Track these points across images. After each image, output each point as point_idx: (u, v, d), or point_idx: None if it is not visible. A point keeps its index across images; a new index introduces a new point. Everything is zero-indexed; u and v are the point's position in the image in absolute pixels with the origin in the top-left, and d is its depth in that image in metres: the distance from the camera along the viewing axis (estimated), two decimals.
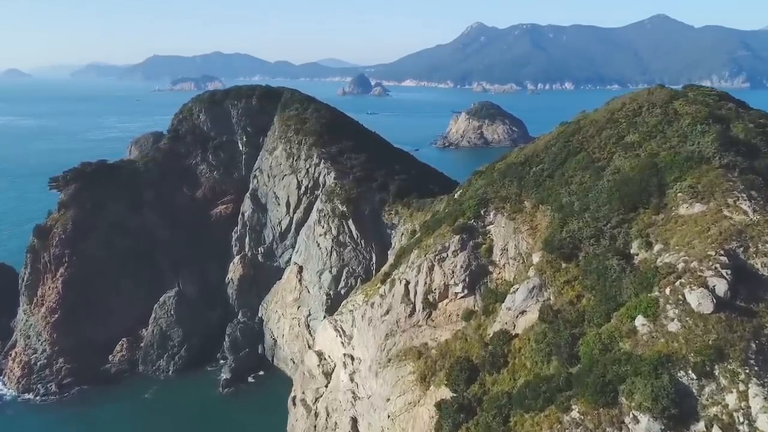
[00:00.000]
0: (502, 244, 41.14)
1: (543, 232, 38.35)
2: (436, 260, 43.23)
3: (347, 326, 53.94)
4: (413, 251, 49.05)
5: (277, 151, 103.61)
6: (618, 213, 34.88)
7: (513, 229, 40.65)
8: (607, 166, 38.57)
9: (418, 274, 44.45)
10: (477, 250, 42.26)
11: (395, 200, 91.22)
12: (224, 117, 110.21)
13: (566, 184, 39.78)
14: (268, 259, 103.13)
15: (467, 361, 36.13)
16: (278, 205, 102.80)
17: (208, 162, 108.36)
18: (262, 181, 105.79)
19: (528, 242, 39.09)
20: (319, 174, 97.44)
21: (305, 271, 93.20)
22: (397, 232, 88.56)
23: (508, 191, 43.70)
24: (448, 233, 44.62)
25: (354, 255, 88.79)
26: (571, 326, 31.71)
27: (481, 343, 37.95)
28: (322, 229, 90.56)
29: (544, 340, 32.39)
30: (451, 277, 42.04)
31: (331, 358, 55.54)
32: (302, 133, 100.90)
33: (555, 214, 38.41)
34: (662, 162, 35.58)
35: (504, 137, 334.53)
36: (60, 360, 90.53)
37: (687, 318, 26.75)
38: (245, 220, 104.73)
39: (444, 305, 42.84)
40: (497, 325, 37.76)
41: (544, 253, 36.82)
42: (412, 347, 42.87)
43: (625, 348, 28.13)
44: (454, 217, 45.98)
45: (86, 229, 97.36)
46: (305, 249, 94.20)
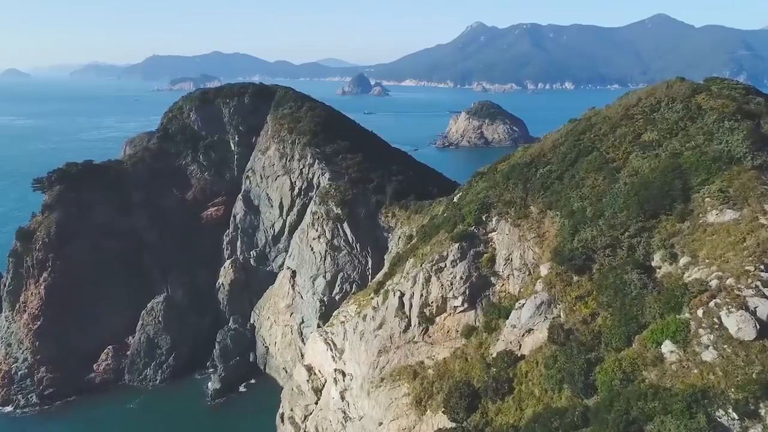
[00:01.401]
0: (505, 254, 37.27)
1: (552, 240, 34.48)
2: (433, 271, 39.35)
3: (338, 339, 50.07)
4: (408, 260, 45.18)
5: (270, 151, 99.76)
6: (637, 220, 30.99)
7: (518, 237, 36.78)
8: (622, 167, 34.70)
9: (413, 285, 40.57)
10: (478, 260, 38.38)
11: (392, 202, 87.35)
12: (216, 116, 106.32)
13: (577, 187, 35.89)
14: (260, 263, 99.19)
15: (467, 386, 32.27)
16: (271, 207, 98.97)
17: (199, 162, 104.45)
18: (255, 182, 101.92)
19: (535, 252, 35.21)
20: (313, 175, 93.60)
21: (298, 276, 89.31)
22: (394, 235, 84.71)
23: (512, 195, 39.78)
24: (447, 241, 40.74)
25: (349, 259, 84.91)
26: (586, 350, 27.84)
27: (482, 364, 34.10)
28: (316, 233, 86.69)
29: (554, 365, 28.54)
30: (450, 289, 38.17)
31: (321, 373, 51.69)
32: (296, 132, 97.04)
33: (565, 220, 34.54)
34: (686, 163, 31.70)
35: (504, 137, 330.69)
36: (42, 369, 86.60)
37: (725, 345, 22.90)
38: (237, 222, 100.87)
39: (442, 320, 38.97)
40: (501, 344, 33.90)
41: (553, 265, 32.97)
42: (407, 366, 39.03)
43: (650, 379, 24.27)
44: (452, 223, 42.07)
45: (71, 232, 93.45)
46: (298, 253, 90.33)
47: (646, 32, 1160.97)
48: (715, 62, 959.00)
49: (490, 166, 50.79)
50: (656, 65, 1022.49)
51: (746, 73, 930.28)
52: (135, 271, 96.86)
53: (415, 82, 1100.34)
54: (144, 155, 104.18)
